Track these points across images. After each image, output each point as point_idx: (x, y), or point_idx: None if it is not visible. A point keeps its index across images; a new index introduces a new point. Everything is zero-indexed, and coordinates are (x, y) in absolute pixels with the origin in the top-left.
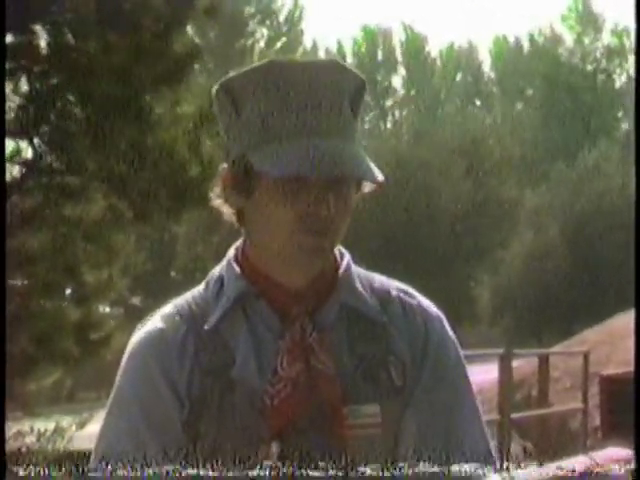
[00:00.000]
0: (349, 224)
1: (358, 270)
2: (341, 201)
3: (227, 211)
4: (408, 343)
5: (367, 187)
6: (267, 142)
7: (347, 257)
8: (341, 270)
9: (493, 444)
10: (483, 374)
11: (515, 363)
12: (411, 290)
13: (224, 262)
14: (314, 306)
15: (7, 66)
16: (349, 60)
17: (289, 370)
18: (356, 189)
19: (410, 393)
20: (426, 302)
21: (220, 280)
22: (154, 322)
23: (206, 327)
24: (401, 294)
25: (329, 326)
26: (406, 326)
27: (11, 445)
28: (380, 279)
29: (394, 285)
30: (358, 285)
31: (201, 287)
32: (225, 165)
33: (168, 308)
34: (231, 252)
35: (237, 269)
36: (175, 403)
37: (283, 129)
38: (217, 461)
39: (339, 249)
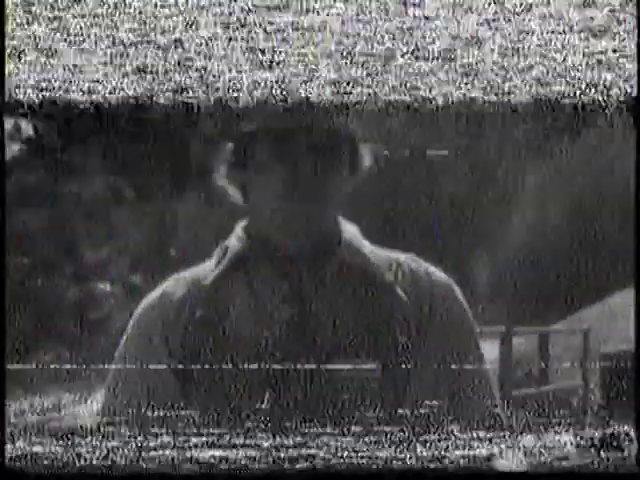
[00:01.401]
0: (349, 202)
1: (369, 243)
2: (331, 166)
3: (232, 191)
4: (414, 304)
5: (367, 160)
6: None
7: (355, 230)
8: (345, 236)
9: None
10: (484, 352)
11: (515, 341)
12: (419, 259)
13: (232, 233)
14: (316, 264)
15: None
16: None
17: (284, 314)
18: (350, 158)
19: (415, 352)
20: (434, 269)
21: (225, 248)
22: (161, 286)
23: (203, 283)
24: (410, 261)
25: (329, 280)
26: (413, 288)
27: (13, 423)
28: (391, 250)
29: (405, 255)
30: (363, 249)
31: (211, 259)
32: (230, 144)
33: (175, 274)
34: (238, 226)
35: (240, 234)
36: (170, 359)
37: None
38: (211, 407)
39: (348, 224)
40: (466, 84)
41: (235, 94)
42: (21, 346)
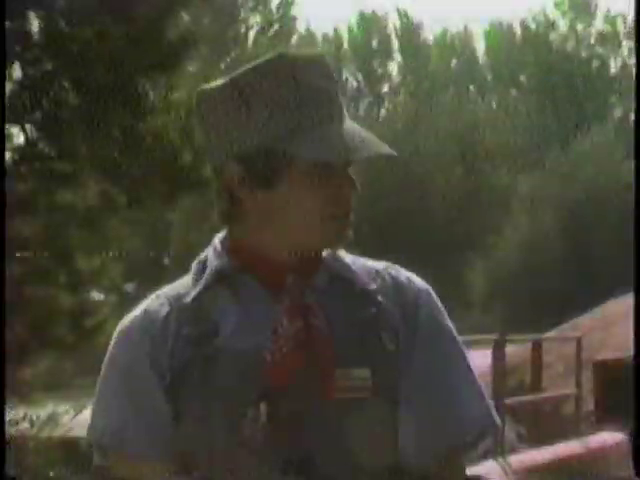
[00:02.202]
0: None
1: (344, 252)
2: (355, 183)
3: (222, 206)
4: (400, 311)
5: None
6: (294, 132)
7: None
8: None
9: (492, 406)
10: (477, 359)
11: (508, 349)
12: (397, 267)
13: (209, 247)
14: (306, 276)
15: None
16: (345, 46)
17: (290, 328)
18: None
19: (403, 359)
20: (413, 276)
21: (203, 262)
22: (141, 305)
23: (187, 300)
24: (389, 269)
25: (322, 291)
26: (396, 296)
27: (6, 432)
28: (366, 259)
29: (382, 264)
30: (346, 259)
31: (187, 276)
32: (229, 162)
33: (155, 293)
34: (216, 239)
35: (219, 248)
36: (159, 377)
37: (306, 118)
38: (204, 427)
39: None
40: None
41: None
42: (15, 355)
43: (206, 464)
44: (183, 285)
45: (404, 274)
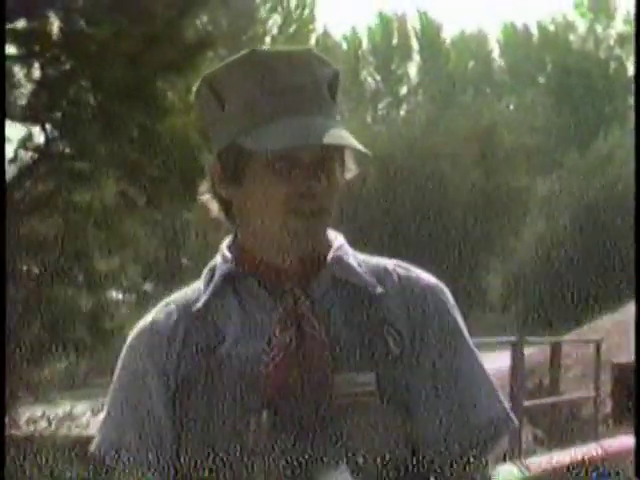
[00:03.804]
0: (359, 210)
1: (355, 252)
2: (330, 180)
3: (214, 207)
4: (406, 313)
5: (350, 173)
6: (255, 125)
7: (341, 238)
8: (333, 248)
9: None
10: (495, 362)
11: (527, 351)
12: (407, 264)
13: (218, 253)
14: (306, 280)
15: (19, 52)
16: (364, 47)
17: (282, 336)
18: (340, 172)
19: (410, 362)
20: (424, 274)
21: (212, 269)
22: (150, 314)
23: (194, 309)
24: (398, 268)
25: (321, 296)
26: (403, 297)
27: (24, 430)
28: (378, 258)
29: (392, 262)
30: (352, 261)
31: (198, 281)
32: (213, 160)
33: (165, 300)
34: (223, 245)
35: (227, 254)
36: (165, 388)
37: (269, 111)
38: (209, 435)
39: (333, 232)
40: None
41: None
42: (34, 354)
43: (211, 473)
44: (193, 291)
45: (414, 272)
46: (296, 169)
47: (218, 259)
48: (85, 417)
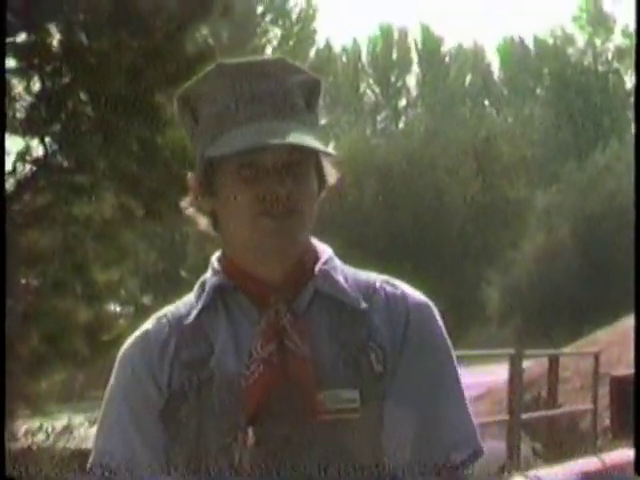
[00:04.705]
0: (358, 222)
1: (343, 266)
2: (299, 183)
3: (202, 221)
4: (389, 330)
5: (331, 177)
6: (220, 134)
7: (329, 252)
8: (320, 262)
9: (500, 442)
10: (493, 374)
11: (525, 363)
12: (397, 281)
13: (209, 267)
14: (291, 295)
15: (19, 65)
16: (364, 59)
17: (262, 352)
18: (316, 176)
19: (390, 379)
20: (411, 291)
21: (203, 283)
22: (143, 326)
23: (186, 322)
24: (385, 284)
25: (304, 311)
26: (388, 314)
27: (21, 443)
28: (367, 274)
29: (380, 278)
30: (338, 276)
31: (191, 293)
32: (192, 173)
33: (158, 313)
34: (213, 258)
35: (217, 266)
36: (158, 399)
37: (233, 119)
38: (198, 449)
39: (321, 245)
40: None
41: None
42: (31, 367)
43: None
44: (185, 304)
45: (400, 289)
46: (260, 174)
47: (209, 272)
48: (83, 429)
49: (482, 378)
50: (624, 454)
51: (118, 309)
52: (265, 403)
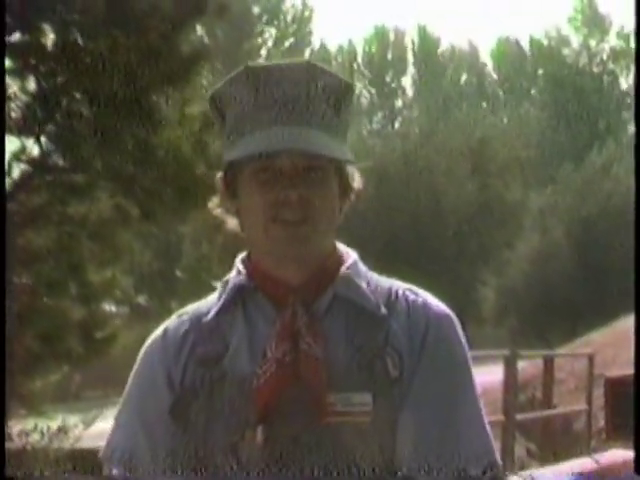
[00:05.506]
0: (354, 223)
1: (368, 272)
2: (316, 189)
3: (231, 221)
4: (408, 337)
5: (356, 183)
6: (241, 137)
7: (354, 257)
8: (344, 267)
9: (494, 443)
10: (488, 375)
11: (520, 364)
12: (420, 291)
13: (233, 267)
14: (310, 297)
15: (14, 65)
16: (359, 60)
17: (276, 352)
18: (338, 182)
19: (407, 385)
20: (433, 301)
21: (226, 282)
22: (164, 324)
23: (205, 320)
24: (407, 292)
25: (321, 314)
26: (407, 321)
27: (16, 443)
28: (391, 281)
29: (403, 286)
30: (361, 281)
31: (215, 292)
32: (220, 173)
33: (179, 310)
34: (238, 259)
35: (240, 267)
36: (169, 396)
37: (253, 123)
38: (206, 447)
39: (347, 250)
40: None
41: None
42: (26, 366)
43: None
44: (207, 303)
45: (422, 298)
46: (275, 179)
47: (232, 272)
48: (78, 430)
49: (477, 379)
50: (618, 455)
51: (113, 309)
52: (275, 403)
